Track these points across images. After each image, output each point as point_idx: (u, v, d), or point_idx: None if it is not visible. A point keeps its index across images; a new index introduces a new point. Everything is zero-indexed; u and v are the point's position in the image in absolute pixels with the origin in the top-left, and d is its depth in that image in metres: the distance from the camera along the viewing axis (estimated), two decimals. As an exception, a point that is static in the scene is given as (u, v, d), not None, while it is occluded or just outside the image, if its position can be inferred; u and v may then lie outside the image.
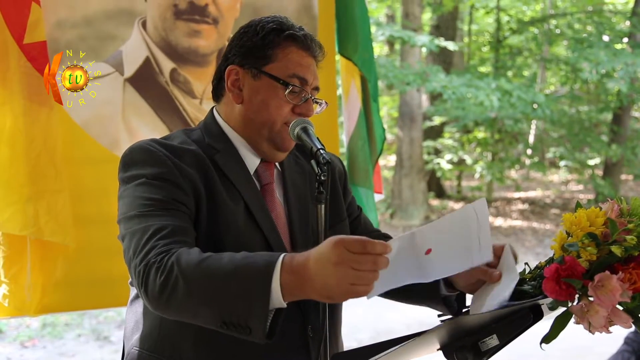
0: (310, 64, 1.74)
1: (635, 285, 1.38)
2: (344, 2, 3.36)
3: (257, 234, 1.65)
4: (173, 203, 1.55)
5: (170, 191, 1.56)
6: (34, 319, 6.29)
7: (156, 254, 1.44)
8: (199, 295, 1.38)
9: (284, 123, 1.69)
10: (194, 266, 1.38)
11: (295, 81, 1.69)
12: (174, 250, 1.43)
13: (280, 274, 1.33)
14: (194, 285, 1.37)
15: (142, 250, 1.46)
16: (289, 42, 1.71)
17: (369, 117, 3.57)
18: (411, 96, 11.89)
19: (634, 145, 12.98)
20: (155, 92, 2.94)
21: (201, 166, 1.64)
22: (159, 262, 1.42)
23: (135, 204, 1.56)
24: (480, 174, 13.93)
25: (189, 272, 1.38)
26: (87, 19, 2.79)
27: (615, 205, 1.48)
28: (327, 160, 1.50)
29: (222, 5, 3.02)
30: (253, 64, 1.70)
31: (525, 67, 15.62)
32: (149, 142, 1.65)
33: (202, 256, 1.40)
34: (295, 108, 1.70)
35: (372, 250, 1.29)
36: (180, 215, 1.55)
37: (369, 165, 3.54)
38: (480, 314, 1.48)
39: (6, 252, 2.63)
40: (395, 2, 14.58)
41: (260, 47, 1.70)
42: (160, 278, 1.40)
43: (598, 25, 12.86)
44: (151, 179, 1.57)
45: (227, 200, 1.63)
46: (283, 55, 1.70)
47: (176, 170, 1.59)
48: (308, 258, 1.33)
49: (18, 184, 2.58)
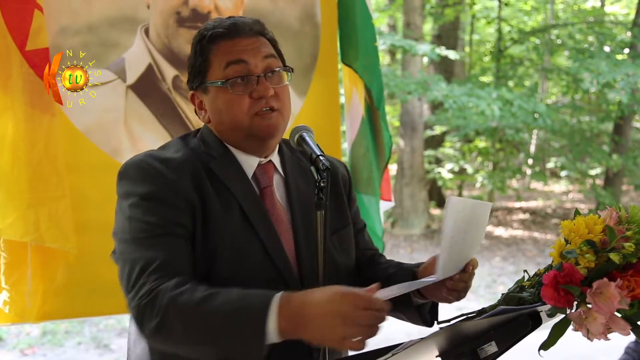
0: (246, 45, 1.69)
1: (634, 292, 1.38)
2: (345, 10, 3.37)
3: (254, 239, 1.65)
4: (167, 227, 1.56)
5: (165, 213, 1.57)
6: (34, 327, 6.28)
7: (147, 292, 1.46)
8: (196, 338, 1.42)
9: (253, 115, 1.67)
10: (190, 309, 1.41)
11: (233, 70, 1.66)
12: (164, 287, 1.45)
13: (276, 318, 1.37)
14: (191, 328, 1.42)
15: (134, 286, 1.50)
16: (214, 43, 1.70)
17: (375, 124, 3.56)
18: (412, 105, 11.90)
19: (635, 156, 12.98)
20: (157, 99, 2.95)
21: (195, 176, 1.64)
22: (152, 302, 1.44)
23: (130, 226, 1.58)
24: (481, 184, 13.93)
25: (184, 315, 1.41)
26: (89, 26, 2.81)
27: (613, 213, 1.49)
28: (327, 167, 1.51)
29: (224, 12, 3.03)
30: (199, 82, 1.72)
31: (526, 77, 15.64)
32: (143, 157, 1.65)
33: (195, 297, 1.42)
34: (253, 93, 1.66)
35: (374, 306, 1.35)
36: (173, 241, 1.55)
37: (375, 173, 3.54)
38: (478, 320, 1.48)
39: (7, 258, 2.63)
40: (396, 11, 14.62)
41: (196, 64, 1.72)
42: (157, 319, 1.43)
43: (599, 35, 12.88)
44: (145, 198, 1.58)
45: (220, 208, 1.63)
46: (214, 57, 1.70)
47: (170, 188, 1.59)
48: (305, 303, 1.37)
49: (19, 190, 2.58)
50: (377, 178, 3.57)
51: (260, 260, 1.63)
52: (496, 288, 8.40)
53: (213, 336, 1.41)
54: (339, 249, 1.80)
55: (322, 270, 1.48)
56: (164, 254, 1.53)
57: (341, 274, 1.77)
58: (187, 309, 1.41)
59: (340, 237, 1.83)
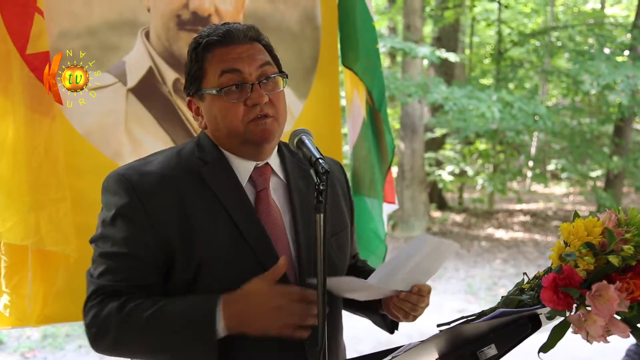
0: (240, 52, 1.70)
1: (633, 294, 1.38)
2: (345, 12, 3.38)
3: (243, 247, 1.67)
4: (129, 246, 1.64)
5: (131, 231, 1.64)
6: (34, 330, 6.28)
7: (98, 311, 1.63)
8: (150, 350, 1.62)
9: (247, 122, 1.69)
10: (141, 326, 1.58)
11: (225, 78, 1.68)
12: (111, 308, 1.61)
13: (222, 320, 1.57)
14: (144, 344, 1.61)
15: (88, 300, 1.68)
16: (208, 51, 1.71)
17: (378, 127, 3.56)
18: (413, 108, 11.91)
19: (635, 158, 12.98)
20: (158, 103, 2.95)
21: (177, 189, 1.67)
22: (103, 322, 1.61)
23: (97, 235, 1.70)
24: (481, 186, 13.94)
25: (135, 332, 1.59)
26: (90, 29, 2.81)
27: (612, 215, 1.49)
28: (326, 170, 1.51)
29: (225, 15, 3.03)
30: (196, 89, 1.74)
31: (526, 79, 15.66)
32: (124, 170, 1.72)
33: (144, 315, 1.58)
34: (247, 101, 1.68)
35: (307, 298, 1.57)
36: (126, 262, 1.65)
37: (377, 175, 3.53)
38: (478, 323, 1.49)
39: (7, 262, 2.62)
40: (396, 14, 14.64)
41: (192, 72, 1.74)
42: (108, 338, 1.61)
43: (599, 37, 12.89)
44: (116, 213, 1.66)
45: (206, 219, 1.65)
46: (209, 65, 1.71)
47: (141, 206, 1.64)
48: (244, 302, 1.58)
49: (19, 193, 2.58)
50: (379, 180, 3.56)
51: (251, 267, 1.65)
52: (497, 290, 8.40)
53: (168, 346, 1.59)
54: (337, 251, 1.83)
55: (322, 272, 1.49)
56: (113, 276, 1.65)
57: (337, 274, 1.80)
58: (138, 326, 1.58)
59: (339, 239, 1.85)
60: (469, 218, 13.91)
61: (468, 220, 13.71)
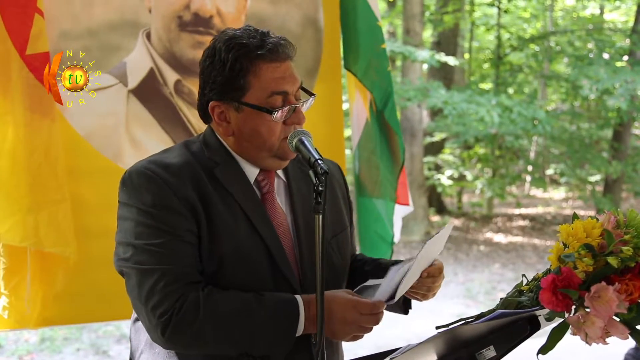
0: (285, 70, 1.69)
1: (632, 296, 1.39)
2: (346, 14, 3.37)
3: (259, 243, 1.69)
4: (177, 233, 1.61)
5: (173, 220, 1.61)
6: (32, 333, 6.26)
7: (172, 304, 1.57)
8: (232, 343, 1.62)
9: (282, 139, 1.70)
10: (228, 319, 1.60)
11: (276, 99, 1.67)
12: (192, 299, 1.57)
13: (304, 321, 1.64)
14: (229, 338, 1.61)
15: (151, 297, 1.58)
16: (256, 63, 1.66)
17: (386, 128, 3.53)
18: (412, 112, 11.91)
19: (634, 162, 12.98)
20: (159, 104, 2.95)
21: (198, 183, 1.67)
22: (183, 315, 1.56)
23: (138, 231, 1.62)
24: (480, 190, 13.94)
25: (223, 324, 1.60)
26: (91, 30, 2.80)
27: (611, 217, 1.49)
28: (325, 171, 1.51)
29: (226, 17, 3.03)
30: (231, 98, 1.69)
31: (525, 83, 15.69)
32: (147, 164, 1.68)
33: (231, 307, 1.60)
34: (287, 121, 1.70)
35: (376, 311, 1.62)
36: (182, 248, 1.61)
37: (385, 176, 3.50)
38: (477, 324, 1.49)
39: (6, 263, 2.61)
40: (396, 18, 14.67)
41: (231, 79, 1.67)
42: (191, 329, 1.57)
43: (598, 42, 12.91)
44: (150, 206, 1.62)
45: (225, 214, 1.66)
46: (256, 79, 1.66)
47: (174, 194, 1.62)
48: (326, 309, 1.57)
49: (19, 194, 2.57)
50: (389, 181, 3.53)
51: (265, 263, 1.69)
52: (496, 295, 8.39)
53: (251, 340, 1.62)
54: (337, 251, 1.85)
55: (321, 273, 1.49)
56: (177, 263, 1.60)
57: (337, 275, 1.84)
58: (226, 319, 1.59)
59: (339, 240, 1.87)
60: (468, 222, 13.91)
61: (467, 224, 13.71)
